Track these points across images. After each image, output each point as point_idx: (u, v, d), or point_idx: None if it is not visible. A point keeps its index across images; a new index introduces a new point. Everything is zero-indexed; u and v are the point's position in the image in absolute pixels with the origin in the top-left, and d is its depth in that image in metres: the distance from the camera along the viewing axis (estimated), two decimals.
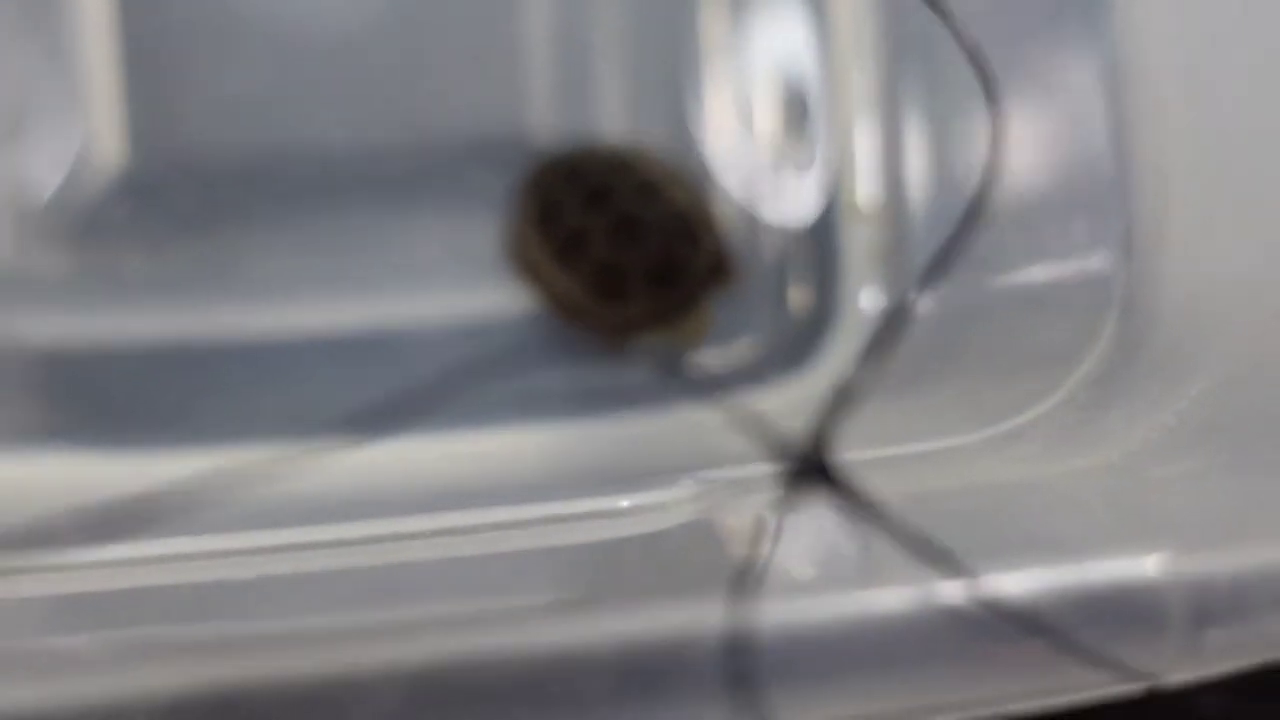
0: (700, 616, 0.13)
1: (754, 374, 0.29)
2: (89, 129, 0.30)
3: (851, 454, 0.18)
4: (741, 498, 0.19)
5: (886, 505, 0.15)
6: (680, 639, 0.13)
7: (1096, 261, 0.22)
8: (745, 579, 0.14)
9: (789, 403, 0.28)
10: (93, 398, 0.30)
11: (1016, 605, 0.13)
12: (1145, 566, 0.14)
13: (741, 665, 0.13)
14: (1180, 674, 0.14)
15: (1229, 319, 0.19)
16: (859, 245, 0.29)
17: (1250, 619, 0.14)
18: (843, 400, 0.16)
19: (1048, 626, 0.13)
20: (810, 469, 0.15)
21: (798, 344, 0.29)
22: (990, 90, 0.17)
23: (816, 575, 0.16)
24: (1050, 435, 0.20)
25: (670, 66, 0.31)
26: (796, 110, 0.30)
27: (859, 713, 0.14)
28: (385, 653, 0.13)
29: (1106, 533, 0.16)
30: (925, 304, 0.24)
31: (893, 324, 0.20)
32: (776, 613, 0.14)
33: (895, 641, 0.14)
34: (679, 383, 0.29)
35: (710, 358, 0.30)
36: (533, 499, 0.23)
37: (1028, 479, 0.18)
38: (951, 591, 0.14)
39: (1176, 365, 0.19)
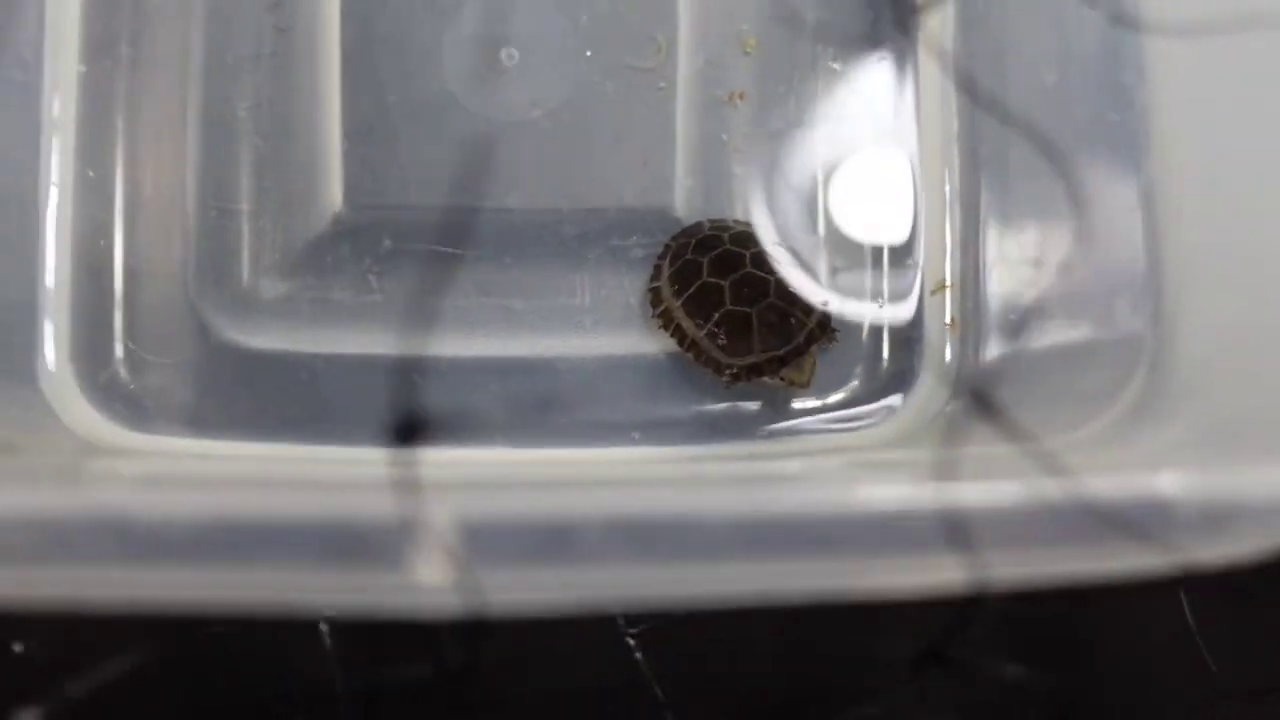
0: None
1: (849, 415, 0.36)
2: (316, 185, 0.37)
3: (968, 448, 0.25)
4: None
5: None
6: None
7: (1132, 330, 0.29)
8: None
9: (877, 438, 0.35)
10: (304, 400, 0.36)
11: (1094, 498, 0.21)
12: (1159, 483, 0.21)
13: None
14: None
15: (1225, 371, 0.26)
16: (939, 313, 0.36)
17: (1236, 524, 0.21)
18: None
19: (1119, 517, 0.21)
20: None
21: (886, 392, 0.36)
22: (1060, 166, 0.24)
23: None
24: (1093, 447, 0.27)
25: (793, 160, 0.38)
26: (895, 199, 0.37)
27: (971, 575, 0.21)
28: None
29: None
30: (1006, 358, 0.31)
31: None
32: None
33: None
34: (785, 417, 0.36)
35: (814, 399, 0.36)
36: None
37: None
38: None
39: (1183, 398, 0.26)
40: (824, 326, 0.36)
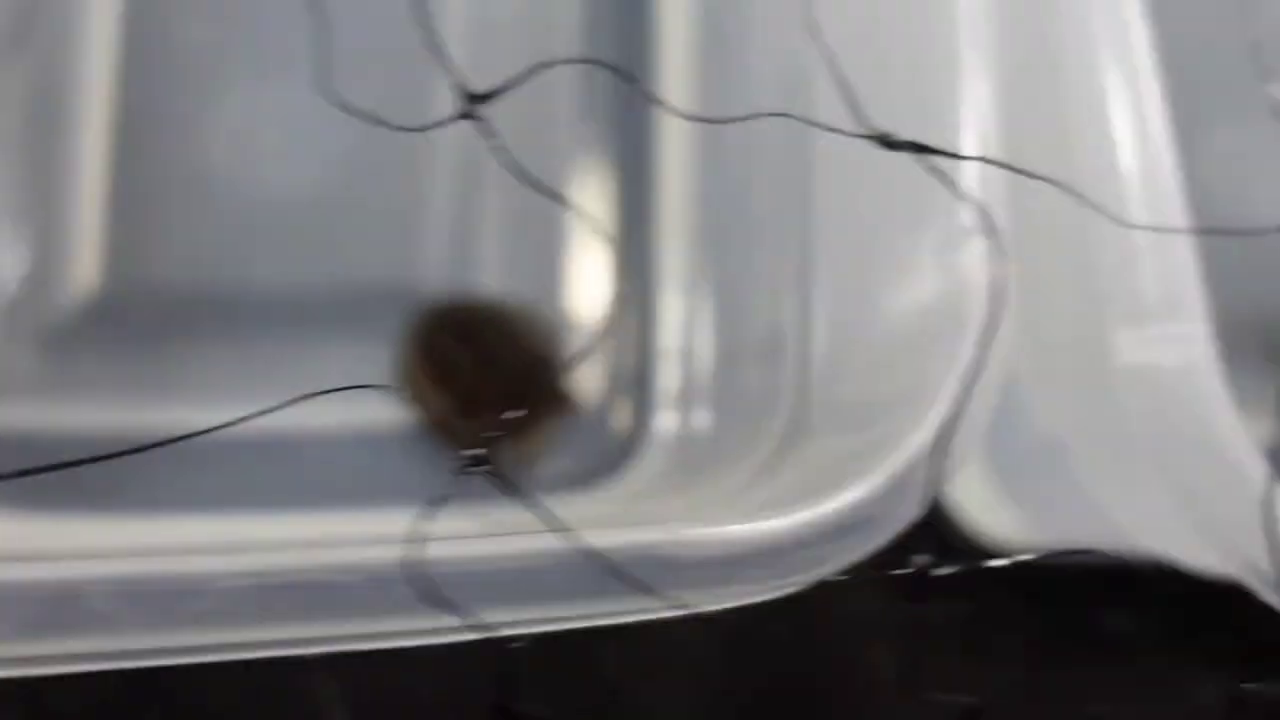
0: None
1: (578, 480, 0.37)
2: (74, 259, 0.38)
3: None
4: None
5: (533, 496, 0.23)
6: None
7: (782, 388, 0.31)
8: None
9: (603, 499, 0.36)
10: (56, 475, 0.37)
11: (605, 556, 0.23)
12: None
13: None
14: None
15: (838, 415, 0.29)
16: (664, 382, 0.37)
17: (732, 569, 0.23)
18: None
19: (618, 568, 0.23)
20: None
21: (614, 458, 0.37)
22: None
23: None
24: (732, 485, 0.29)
25: (539, 240, 0.39)
26: (630, 277, 0.38)
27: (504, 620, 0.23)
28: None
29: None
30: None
31: None
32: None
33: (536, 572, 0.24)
34: (511, 487, 0.37)
35: (548, 467, 0.37)
36: None
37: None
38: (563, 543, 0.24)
39: (807, 442, 0.28)
40: (559, 400, 0.37)
